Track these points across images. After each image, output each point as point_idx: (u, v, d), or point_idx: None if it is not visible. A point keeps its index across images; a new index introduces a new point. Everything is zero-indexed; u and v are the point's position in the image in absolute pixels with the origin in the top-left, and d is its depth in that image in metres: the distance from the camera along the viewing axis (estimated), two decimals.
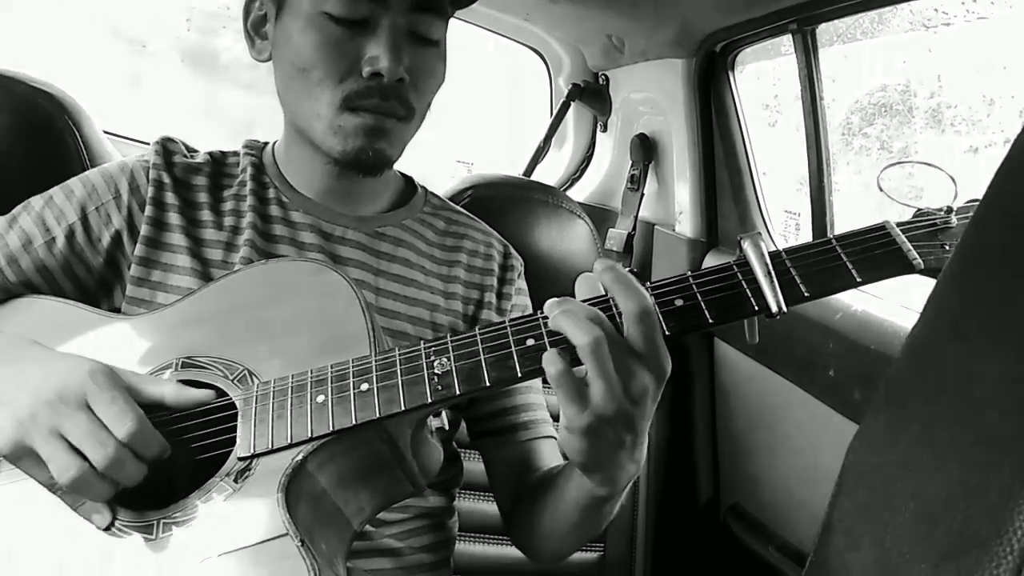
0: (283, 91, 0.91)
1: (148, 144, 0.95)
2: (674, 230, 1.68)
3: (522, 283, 1.05)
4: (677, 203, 1.66)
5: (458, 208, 1.07)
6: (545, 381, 0.67)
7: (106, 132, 1.32)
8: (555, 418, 1.02)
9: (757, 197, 1.57)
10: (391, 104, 0.85)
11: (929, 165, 0.74)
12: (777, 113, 1.88)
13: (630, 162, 1.80)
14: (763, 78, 1.74)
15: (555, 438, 0.98)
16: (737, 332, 0.71)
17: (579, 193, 2.02)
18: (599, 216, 1.82)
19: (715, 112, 1.57)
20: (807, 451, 1.31)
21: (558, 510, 0.83)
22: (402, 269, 0.95)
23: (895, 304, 1.17)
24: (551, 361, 0.62)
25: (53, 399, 0.66)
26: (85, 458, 0.65)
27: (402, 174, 1.06)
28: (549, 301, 0.65)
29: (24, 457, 0.67)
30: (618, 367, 0.62)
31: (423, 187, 1.06)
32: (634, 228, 1.77)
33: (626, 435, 0.65)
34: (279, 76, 0.90)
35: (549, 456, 0.96)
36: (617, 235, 1.78)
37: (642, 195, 1.77)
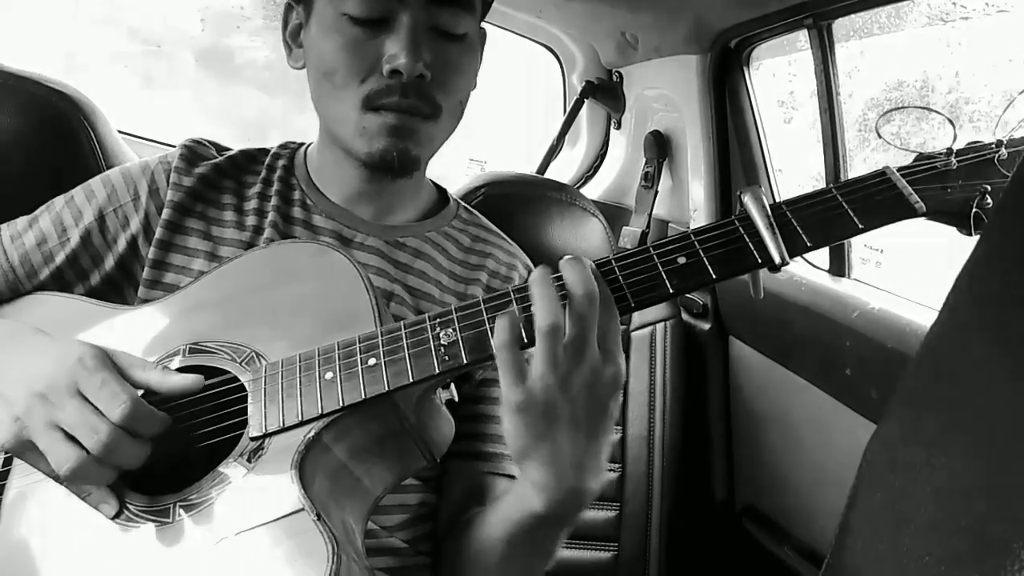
0: (315, 97, 0.90)
1: (162, 144, 0.96)
2: (688, 227, 1.66)
3: None
4: (692, 200, 1.65)
5: (489, 225, 1.05)
6: None
7: (121, 132, 1.33)
8: None
9: (772, 194, 1.55)
10: (412, 102, 0.83)
11: (926, 109, 0.75)
12: (792, 109, 1.86)
13: (644, 159, 1.79)
14: (778, 74, 1.72)
15: (515, 478, 0.89)
16: (751, 331, 0.71)
17: (593, 191, 2.02)
18: (613, 214, 1.82)
19: (730, 109, 1.55)
20: (823, 451, 1.30)
21: (488, 532, 0.79)
22: (418, 281, 0.93)
23: (913, 302, 1.16)
24: (502, 329, 0.63)
25: (44, 389, 0.65)
26: (83, 446, 0.64)
27: (436, 185, 1.04)
28: (537, 271, 0.65)
29: (27, 451, 0.67)
30: (566, 354, 0.63)
31: (456, 200, 1.04)
32: (648, 226, 1.76)
33: (560, 431, 0.65)
34: (311, 83, 0.89)
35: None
36: (631, 233, 1.77)
37: (656, 192, 1.76)
